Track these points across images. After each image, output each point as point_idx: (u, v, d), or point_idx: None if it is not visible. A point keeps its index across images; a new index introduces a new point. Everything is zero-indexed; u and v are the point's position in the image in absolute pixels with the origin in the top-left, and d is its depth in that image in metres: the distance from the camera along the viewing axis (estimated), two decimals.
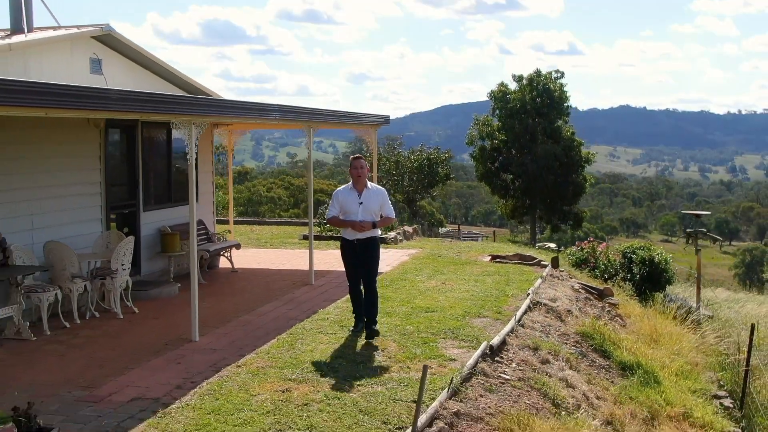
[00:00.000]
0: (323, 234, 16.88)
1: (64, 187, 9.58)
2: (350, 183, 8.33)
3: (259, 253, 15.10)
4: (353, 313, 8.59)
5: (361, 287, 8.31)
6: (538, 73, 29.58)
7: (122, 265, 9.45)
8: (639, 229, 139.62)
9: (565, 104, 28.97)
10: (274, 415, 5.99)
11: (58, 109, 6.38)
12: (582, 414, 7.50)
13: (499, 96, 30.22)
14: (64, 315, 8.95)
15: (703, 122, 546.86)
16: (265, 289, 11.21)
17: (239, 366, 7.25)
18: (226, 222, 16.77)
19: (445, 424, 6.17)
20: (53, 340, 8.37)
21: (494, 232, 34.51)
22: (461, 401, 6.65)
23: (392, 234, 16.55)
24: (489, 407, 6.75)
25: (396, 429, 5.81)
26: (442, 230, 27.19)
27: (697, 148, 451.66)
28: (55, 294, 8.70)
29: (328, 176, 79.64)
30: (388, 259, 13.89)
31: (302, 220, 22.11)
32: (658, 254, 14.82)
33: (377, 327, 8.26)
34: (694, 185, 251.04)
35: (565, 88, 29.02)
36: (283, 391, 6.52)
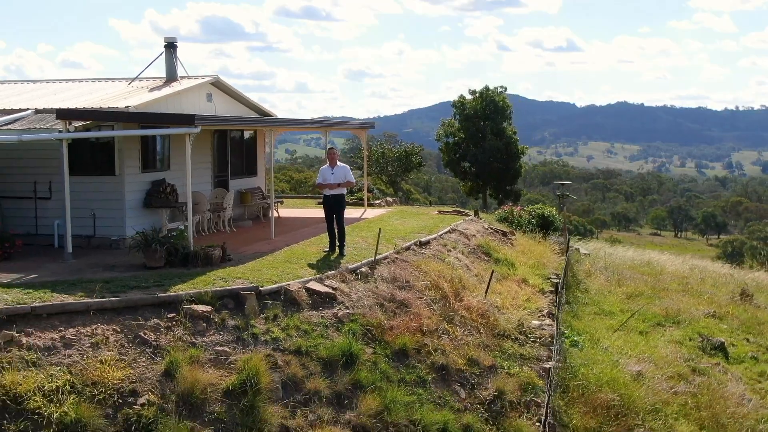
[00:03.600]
0: None
1: (197, 164, 17.64)
2: (328, 163, 15.13)
3: (291, 210, 23.19)
4: (329, 241, 14.76)
5: (334, 225, 14.69)
6: (486, 88, 38.71)
7: (229, 205, 17.61)
8: (630, 223, 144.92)
9: (507, 111, 38.15)
10: (319, 256, 14.16)
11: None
12: (462, 269, 15.64)
13: (459, 105, 39.34)
14: (202, 230, 17.09)
15: (701, 119, 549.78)
16: (301, 224, 19.36)
17: (298, 244, 15.43)
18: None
19: (391, 260, 14.33)
20: (200, 240, 16.48)
21: (457, 205, 42.89)
22: (400, 255, 14.80)
23: (378, 201, 24.69)
24: (413, 260, 14.89)
25: (369, 258, 13.92)
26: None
27: (695, 144, 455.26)
28: (198, 218, 16.82)
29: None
30: (374, 212, 22.02)
31: (315, 196, 30.42)
32: (548, 211, 22.99)
33: (345, 246, 14.70)
34: (690, 181, 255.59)
35: (507, 100, 38.50)
36: (319, 250, 14.68)
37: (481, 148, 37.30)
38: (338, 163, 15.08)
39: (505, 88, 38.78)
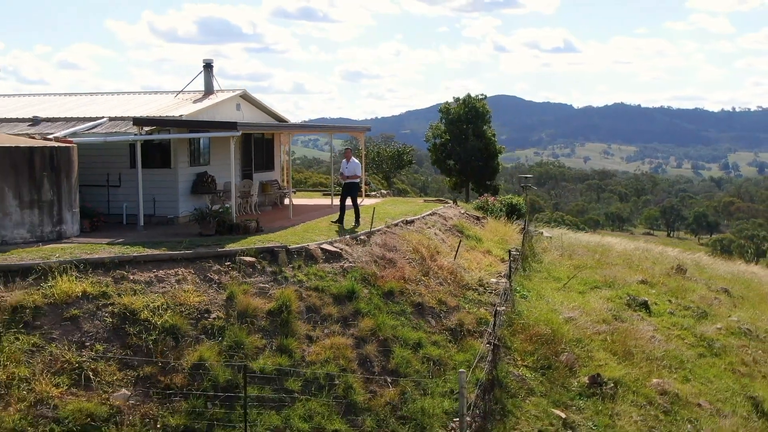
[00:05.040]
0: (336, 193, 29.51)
1: (227, 160, 22.17)
2: (345, 159, 20.42)
3: (302, 200, 27.73)
4: (339, 214, 20.03)
5: (346, 205, 19.87)
6: (468, 96, 43.45)
7: (254, 193, 22.11)
8: (624, 223, 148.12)
9: (487, 116, 42.95)
10: (328, 228, 18.69)
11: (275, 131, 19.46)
12: (438, 241, 20.15)
13: (445, 110, 44.30)
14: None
15: (697, 120, 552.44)
16: (311, 209, 23.87)
17: (311, 221, 19.96)
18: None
19: (382, 232, 18.86)
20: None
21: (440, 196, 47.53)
22: (390, 229, 19.32)
23: (374, 192, 29.22)
24: (399, 233, 19.41)
25: (366, 229, 18.44)
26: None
27: (691, 145, 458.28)
28: (231, 203, 21.31)
29: (326, 171, 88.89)
30: (370, 201, 26.54)
31: (320, 189, 35.03)
32: (515, 201, 27.54)
33: (360, 219, 19.95)
34: (685, 182, 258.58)
35: (486, 106, 43.34)
36: (328, 225, 19.20)
37: (463, 148, 42.08)
38: (352, 159, 20.07)
39: (485, 96, 43.76)
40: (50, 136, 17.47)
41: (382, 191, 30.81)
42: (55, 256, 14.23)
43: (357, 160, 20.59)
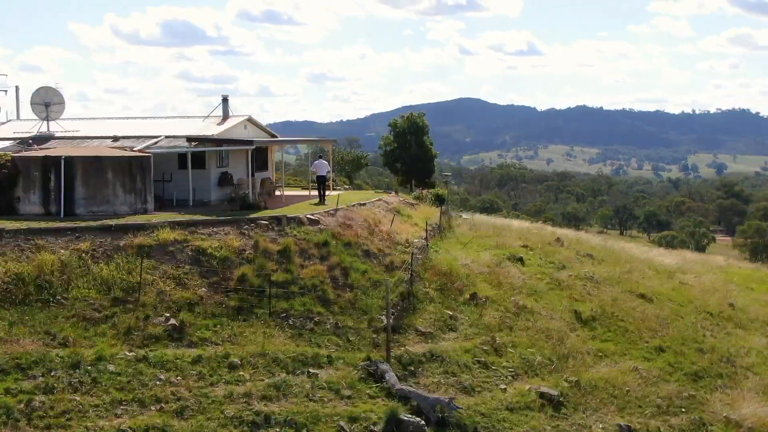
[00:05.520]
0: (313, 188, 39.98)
1: (240, 163, 32.45)
2: (317, 159, 31.24)
3: (291, 192, 38.06)
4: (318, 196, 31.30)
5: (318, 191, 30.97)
6: (411, 113, 54.94)
7: (257, 186, 32.45)
8: (580, 223, 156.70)
9: (425, 129, 54.20)
10: (310, 207, 29.21)
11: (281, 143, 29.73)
12: (381, 216, 30.74)
13: (393, 125, 55.58)
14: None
15: (659, 122, 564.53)
16: (296, 197, 34.28)
17: (299, 204, 30.43)
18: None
19: (343, 210, 29.42)
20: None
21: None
22: (348, 209, 29.89)
23: (338, 187, 39.67)
24: (355, 210, 29.96)
25: (333, 208, 28.97)
26: None
27: (652, 147, 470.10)
28: (242, 192, 31.64)
29: (294, 174, 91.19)
30: (336, 192, 37.03)
31: (297, 186, 45.47)
32: (441, 192, 38.18)
33: (325, 200, 30.80)
34: (644, 183, 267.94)
35: (425, 120, 54.71)
36: (308, 205, 29.71)
37: (407, 154, 53.40)
38: (319, 160, 30.70)
39: (424, 114, 55.48)
40: (135, 149, 27.70)
41: (345, 186, 41.24)
42: (154, 219, 24.54)
43: (323, 161, 31.10)
